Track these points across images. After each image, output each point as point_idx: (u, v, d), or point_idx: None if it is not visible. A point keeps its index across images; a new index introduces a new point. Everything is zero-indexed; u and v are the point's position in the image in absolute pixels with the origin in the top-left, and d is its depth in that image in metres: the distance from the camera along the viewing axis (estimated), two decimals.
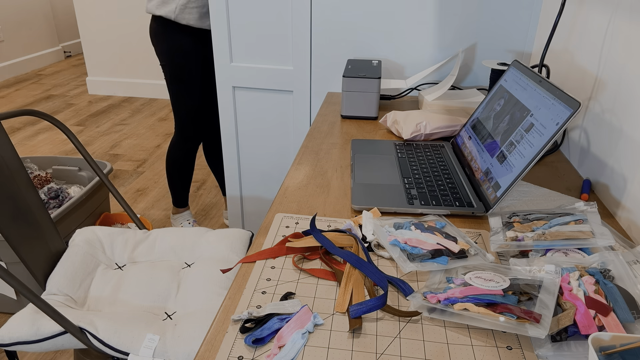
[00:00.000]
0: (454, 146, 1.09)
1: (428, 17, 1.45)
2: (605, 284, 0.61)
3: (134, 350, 0.96)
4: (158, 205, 2.51)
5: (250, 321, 0.61)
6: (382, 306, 0.61)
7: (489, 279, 0.63)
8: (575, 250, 0.69)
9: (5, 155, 1.10)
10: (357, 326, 0.59)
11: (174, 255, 1.27)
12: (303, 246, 0.73)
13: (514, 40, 1.45)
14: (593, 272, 0.63)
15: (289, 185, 0.95)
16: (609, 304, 0.58)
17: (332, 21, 1.50)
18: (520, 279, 0.63)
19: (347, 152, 1.11)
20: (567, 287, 0.60)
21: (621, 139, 0.88)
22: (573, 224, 0.72)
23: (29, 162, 2.07)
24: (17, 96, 4.08)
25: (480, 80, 1.52)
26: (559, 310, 0.59)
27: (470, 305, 0.59)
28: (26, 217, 1.12)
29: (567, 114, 0.74)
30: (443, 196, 0.88)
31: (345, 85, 1.28)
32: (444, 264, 0.68)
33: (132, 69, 4.08)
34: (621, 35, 0.90)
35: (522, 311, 0.57)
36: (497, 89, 1.01)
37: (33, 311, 1.02)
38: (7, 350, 1.01)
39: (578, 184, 0.98)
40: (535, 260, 0.67)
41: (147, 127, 3.49)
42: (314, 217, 0.76)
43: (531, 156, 0.78)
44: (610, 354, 0.47)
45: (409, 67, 1.52)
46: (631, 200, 0.83)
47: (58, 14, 5.16)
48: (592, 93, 1.00)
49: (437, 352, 0.57)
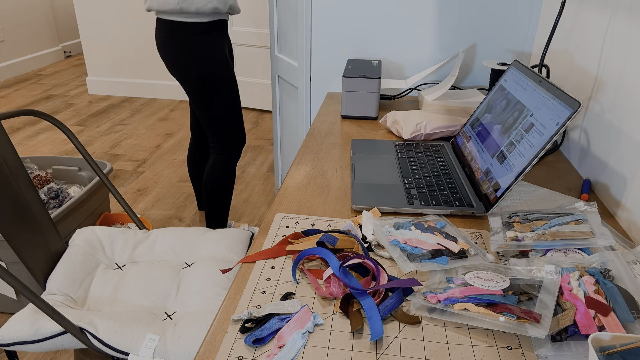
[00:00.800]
0: (454, 146, 1.09)
1: (428, 18, 1.45)
2: (605, 284, 0.61)
3: (134, 350, 0.96)
4: (158, 205, 2.51)
5: (250, 321, 0.61)
6: (400, 303, 0.62)
7: (489, 279, 0.63)
8: (575, 250, 0.69)
9: (5, 155, 1.10)
10: (359, 327, 0.59)
11: (174, 255, 1.27)
12: (303, 248, 0.73)
13: (514, 40, 1.45)
14: (593, 272, 0.63)
15: (289, 185, 0.95)
16: (609, 304, 0.58)
17: (332, 21, 1.50)
18: (520, 279, 0.63)
19: (347, 152, 1.11)
20: (567, 287, 0.60)
21: (621, 139, 0.88)
22: (573, 224, 0.72)
23: (29, 162, 2.07)
24: (17, 96, 4.08)
25: (480, 80, 1.52)
26: (559, 310, 0.59)
27: (470, 305, 0.59)
28: (26, 217, 1.12)
29: (567, 114, 0.74)
30: (443, 196, 0.88)
31: (345, 85, 1.28)
32: (444, 264, 0.68)
33: (132, 69, 4.08)
34: (621, 35, 0.90)
35: (522, 311, 0.57)
36: (497, 89, 1.01)
37: (33, 311, 1.02)
38: (7, 350, 1.01)
39: (578, 184, 0.98)
40: (535, 260, 0.67)
41: (147, 127, 3.49)
42: (320, 241, 0.73)
43: (531, 156, 0.78)
44: (610, 354, 0.47)
45: (409, 67, 1.52)
46: (631, 200, 0.83)
47: (58, 14, 5.16)
48: (592, 93, 1.00)
49: (437, 352, 0.57)
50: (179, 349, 0.96)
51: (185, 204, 2.51)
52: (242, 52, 3.59)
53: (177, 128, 3.48)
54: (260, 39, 3.46)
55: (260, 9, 3.36)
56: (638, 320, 0.57)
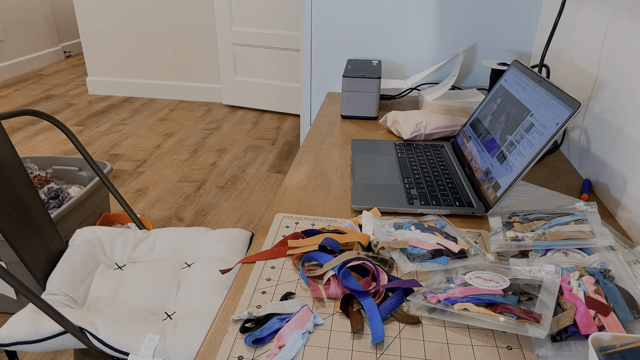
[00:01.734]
0: (454, 146, 1.09)
1: (428, 17, 1.45)
2: (605, 284, 0.61)
3: (134, 350, 0.96)
4: (158, 205, 2.51)
5: (250, 321, 0.61)
6: (401, 303, 0.63)
7: (489, 279, 0.63)
8: (575, 250, 0.69)
9: (5, 155, 1.10)
10: (360, 327, 0.59)
11: (173, 255, 1.27)
12: (304, 251, 0.73)
13: (514, 40, 1.45)
14: (593, 272, 0.63)
15: (289, 185, 0.95)
16: (609, 304, 0.58)
17: (332, 21, 1.50)
18: (520, 279, 0.63)
19: (347, 152, 1.11)
20: (567, 287, 0.60)
21: (621, 139, 0.88)
22: (573, 224, 0.72)
23: (29, 162, 2.07)
24: (17, 96, 4.08)
25: (480, 80, 1.52)
26: (559, 310, 0.59)
27: (470, 305, 0.59)
28: (26, 217, 1.12)
29: (567, 114, 0.74)
30: (443, 196, 0.88)
31: (345, 85, 1.28)
32: (444, 264, 0.68)
33: (132, 69, 4.07)
34: (621, 35, 0.90)
35: (522, 311, 0.57)
36: (497, 89, 1.01)
37: (33, 311, 1.02)
38: (7, 350, 1.00)
39: (578, 184, 0.98)
40: (535, 260, 0.67)
41: (147, 127, 3.49)
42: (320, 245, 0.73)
43: (531, 156, 0.78)
44: (610, 354, 0.47)
45: (409, 67, 1.52)
46: (631, 200, 0.83)
47: (58, 14, 5.16)
48: (592, 93, 1.00)
49: (437, 352, 0.57)
50: (179, 348, 0.96)
51: (185, 204, 2.51)
52: (243, 52, 3.59)
53: (177, 128, 3.48)
54: (261, 39, 3.46)
55: (261, 9, 3.36)
56: (638, 320, 0.57)
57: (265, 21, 3.39)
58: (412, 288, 0.66)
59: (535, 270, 0.65)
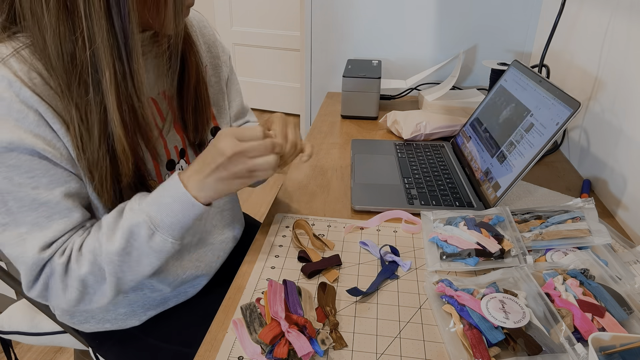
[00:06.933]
0: (454, 146, 1.09)
1: (428, 18, 1.45)
2: (589, 284, 0.61)
3: None
4: None
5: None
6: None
7: (508, 310, 0.58)
8: (574, 250, 0.69)
9: None
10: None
11: None
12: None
13: (514, 41, 1.45)
14: (574, 273, 0.63)
15: (289, 185, 0.95)
16: (600, 304, 0.58)
17: (332, 21, 1.50)
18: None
19: (347, 152, 1.11)
20: (555, 293, 0.60)
21: (621, 138, 0.88)
22: (570, 222, 0.72)
23: None
24: None
25: (481, 80, 1.52)
26: (554, 318, 0.57)
27: (457, 316, 0.59)
28: None
29: (567, 114, 0.74)
30: (443, 196, 0.88)
31: (345, 85, 1.28)
32: (471, 265, 0.68)
33: None
34: (621, 35, 0.90)
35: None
36: (497, 89, 1.01)
37: (32, 306, 1.02)
38: (2, 337, 1.00)
39: (578, 184, 0.98)
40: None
41: None
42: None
43: (531, 156, 0.78)
44: (610, 353, 0.47)
45: (409, 67, 1.52)
46: (631, 200, 0.83)
47: None
48: (592, 93, 1.00)
49: (437, 352, 0.57)
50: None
51: None
52: (243, 52, 3.59)
53: None
54: (261, 39, 3.47)
55: (261, 9, 3.36)
56: (631, 315, 0.57)
57: (265, 21, 3.39)
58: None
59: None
